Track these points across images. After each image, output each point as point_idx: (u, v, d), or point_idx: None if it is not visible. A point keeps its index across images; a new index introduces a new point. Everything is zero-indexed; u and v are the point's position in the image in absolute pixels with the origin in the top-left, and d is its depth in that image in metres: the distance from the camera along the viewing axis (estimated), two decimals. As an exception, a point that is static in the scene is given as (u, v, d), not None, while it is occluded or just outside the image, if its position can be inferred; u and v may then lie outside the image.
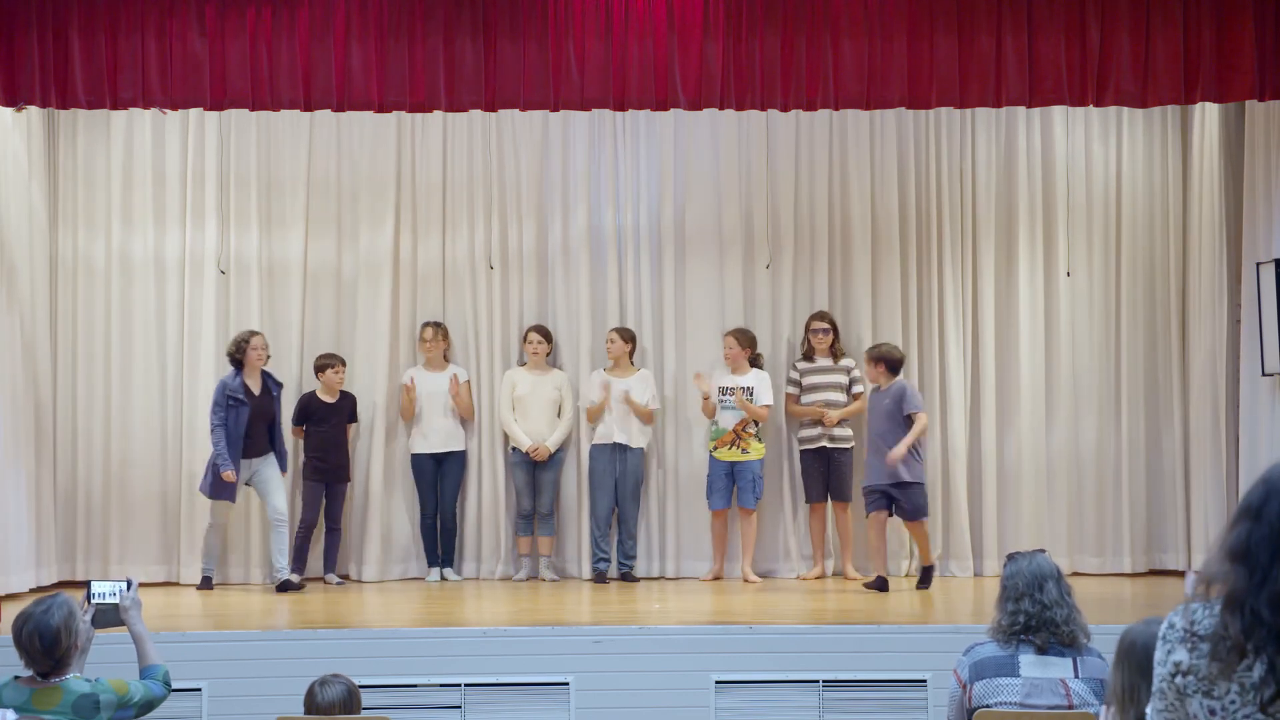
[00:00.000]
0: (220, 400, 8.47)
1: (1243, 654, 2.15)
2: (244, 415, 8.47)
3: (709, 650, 6.64)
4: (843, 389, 9.06)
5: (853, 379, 9.07)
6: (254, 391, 8.57)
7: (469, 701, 6.52)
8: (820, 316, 9.12)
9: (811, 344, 9.10)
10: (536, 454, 9.02)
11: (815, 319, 9.12)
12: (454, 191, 9.39)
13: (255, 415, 8.53)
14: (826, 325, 9.08)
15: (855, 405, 9.03)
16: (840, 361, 9.11)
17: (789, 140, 9.38)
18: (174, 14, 7.56)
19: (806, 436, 9.08)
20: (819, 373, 9.08)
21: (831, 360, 9.10)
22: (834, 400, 9.01)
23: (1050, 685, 4.06)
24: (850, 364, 9.11)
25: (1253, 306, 8.32)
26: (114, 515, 9.14)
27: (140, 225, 9.26)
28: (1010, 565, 4.26)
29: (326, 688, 4.47)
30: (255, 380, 8.61)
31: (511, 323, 9.40)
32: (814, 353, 9.11)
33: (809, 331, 9.11)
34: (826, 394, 9.03)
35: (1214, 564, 2.24)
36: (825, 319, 9.11)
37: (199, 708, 6.43)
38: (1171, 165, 9.47)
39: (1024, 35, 7.71)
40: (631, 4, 7.67)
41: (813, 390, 9.07)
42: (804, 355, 9.17)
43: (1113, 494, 9.35)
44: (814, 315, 9.16)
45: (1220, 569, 2.21)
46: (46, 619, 4.15)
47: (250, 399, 8.53)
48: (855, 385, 9.06)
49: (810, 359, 9.13)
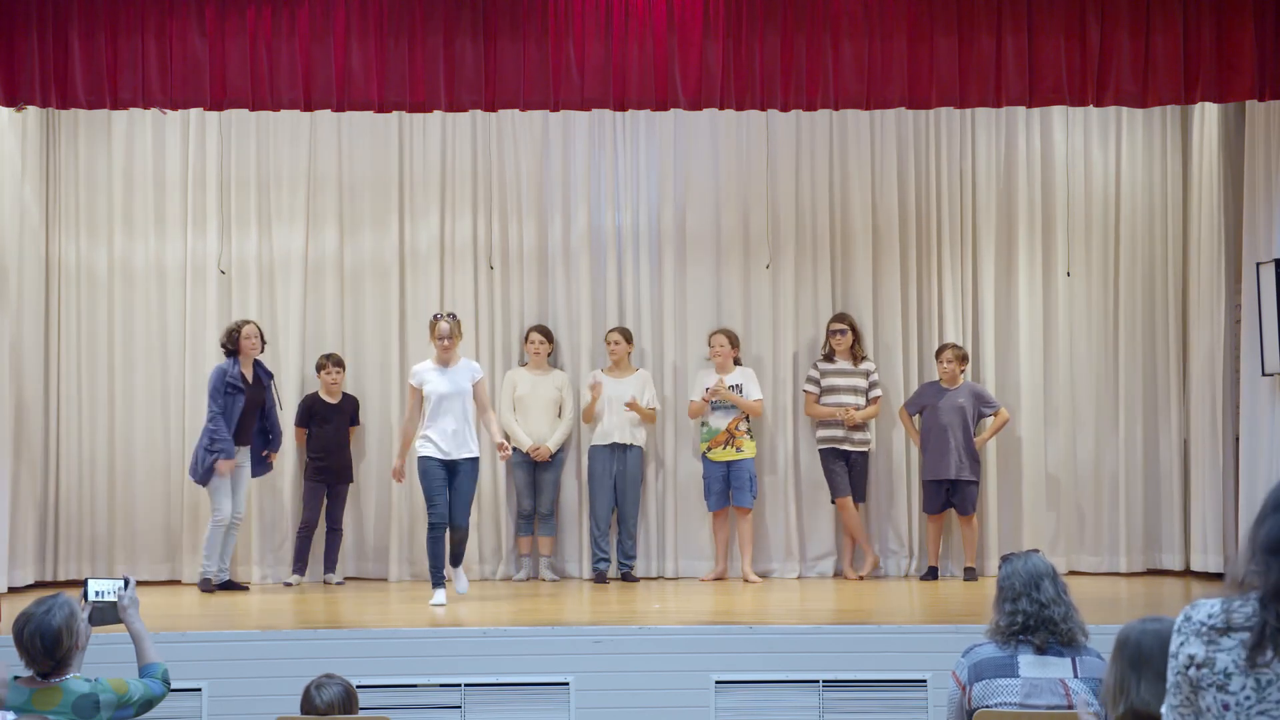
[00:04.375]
0: (219, 387, 8.48)
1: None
2: (240, 403, 8.49)
3: (709, 650, 6.63)
4: (860, 392, 9.08)
5: (871, 382, 9.09)
6: (248, 380, 8.60)
7: (469, 701, 6.53)
8: (840, 318, 9.15)
9: (831, 345, 9.12)
10: (537, 454, 9.02)
11: (835, 320, 9.14)
12: (454, 191, 9.39)
13: (251, 404, 8.56)
14: (845, 327, 9.09)
15: (872, 408, 9.06)
16: (860, 364, 9.12)
17: (789, 140, 9.39)
18: (174, 14, 7.56)
19: (826, 436, 9.10)
20: (838, 375, 9.10)
21: (851, 362, 9.12)
22: (850, 404, 9.04)
23: (1050, 685, 4.06)
24: (870, 367, 9.13)
25: (1253, 306, 8.32)
26: (118, 515, 9.16)
27: (141, 229, 9.28)
28: (1005, 566, 4.26)
29: (323, 690, 4.46)
30: (249, 369, 8.64)
31: (512, 323, 9.41)
32: (835, 354, 9.13)
33: (829, 333, 9.13)
34: (843, 396, 9.05)
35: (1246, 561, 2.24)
36: (845, 320, 9.13)
37: (199, 708, 6.43)
38: (1171, 165, 9.47)
39: (1024, 35, 7.71)
40: (631, 4, 7.67)
41: (831, 392, 9.09)
42: (825, 356, 9.19)
43: (1111, 493, 9.36)
44: (834, 317, 9.18)
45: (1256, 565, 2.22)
46: (48, 619, 4.15)
47: (246, 387, 8.55)
48: (874, 390, 9.09)
49: (831, 360, 9.15)
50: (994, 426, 9.05)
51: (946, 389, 8.98)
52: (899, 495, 9.33)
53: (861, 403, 9.07)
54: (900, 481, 9.33)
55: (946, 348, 9.06)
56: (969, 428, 8.94)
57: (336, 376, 9.06)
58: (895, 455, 9.34)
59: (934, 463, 8.98)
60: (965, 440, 8.91)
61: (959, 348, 9.07)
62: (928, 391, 9.10)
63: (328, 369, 9.04)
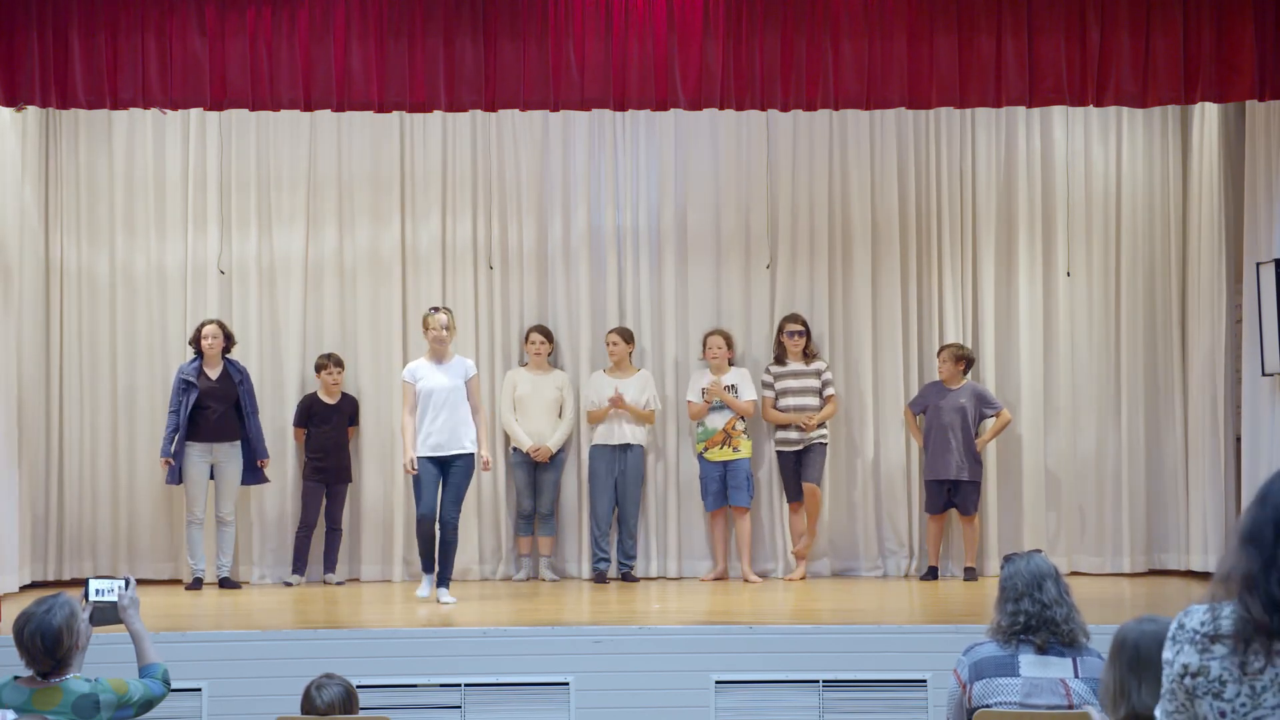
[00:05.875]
0: (175, 385, 8.70)
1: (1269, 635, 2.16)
2: (192, 397, 8.62)
3: (709, 650, 6.63)
4: (815, 392, 9.07)
5: (825, 381, 9.09)
6: (210, 377, 8.69)
7: (469, 701, 6.53)
8: (794, 319, 9.11)
9: (785, 346, 9.09)
10: (538, 454, 9.02)
11: (790, 321, 9.10)
12: (454, 191, 9.39)
13: (209, 396, 8.66)
14: (801, 328, 9.08)
15: (829, 408, 9.06)
16: (812, 364, 9.11)
17: (789, 140, 9.39)
18: (174, 14, 7.55)
19: (784, 439, 9.08)
20: (792, 376, 9.08)
21: (804, 363, 9.11)
22: (807, 404, 9.03)
23: (1050, 685, 4.06)
24: (822, 366, 9.12)
25: (1253, 306, 8.32)
26: (120, 515, 9.17)
27: (141, 229, 9.27)
28: (1008, 566, 4.26)
29: (324, 690, 4.46)
30: (215, 367, 8.74)
31: (511, 323, 9.41)
32: (786, 355, 9.12)
33: (783, 334, 9.09)
34: (800, 398, 9.04)
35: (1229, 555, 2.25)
36: (799, 321, 9.10)
37: (199, 708, 6.43)
38: (1171, 165, 9.46)
39: (1024, 35, 7.70)
40: (631, 4, 7.67)
41: (787, 394, 9.07)
42: (775, 359, 9.18)
43: (1113, 494, 9.35)
44: (787, 318, 9.13)
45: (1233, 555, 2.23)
46: (49, 619, 4.15)
47: (204, 382, 8.67)
48: (828, 388, 9.08)
49: (782, 362, 9.14)
50: (994, 428, 9.05)
51: (949, 389, 8.98)
52: (899, 495, 9.32)
53: (817, 403, 9.05)
54: (900, 481, 9.33)
55: (946, 348, 9.06)
56: (970, 428, 8.95)
57: (337, 376, 9.07)
58: (896, 455, 9.34)
59: (935, 463, 8.98)
60: (966, 440, 8.92)
61: (960, 347, 9.07)
62: (930, 391, 9.10)
63: (328, 369, 9.05)
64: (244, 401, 8.79)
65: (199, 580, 8.69)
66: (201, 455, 8.70)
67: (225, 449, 8.74)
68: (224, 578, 8.78)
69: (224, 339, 8.81)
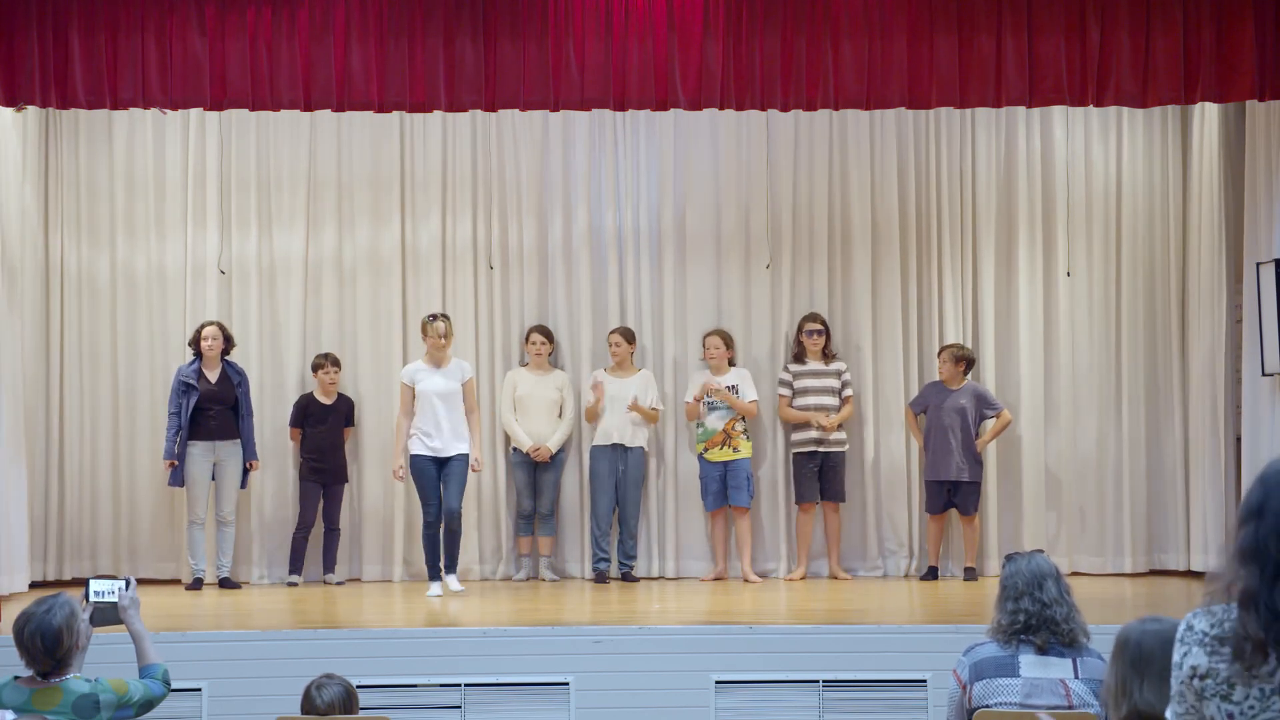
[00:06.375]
0: (175, 387, 8.73)
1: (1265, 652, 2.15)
2: (192, 399, 8.65)
3: (709, 650, 6.63)
4: (834, 392, 9.07)
5: (844, 382, 9.09)
6: (210, 379, 8.72)
7: (469, 701, 6.53)
8: (813, 318, 9.12)
9: (804, 346, 9.10)
10: (538, 454, 9.02)
11: (809, 320, 9.11)
12: (454, 192, 9.39)
13: (209, 398, 8.69)
14: (820, 327, 9.08)
15: (846, 409, 9.06)
16: (832, 364, 9.11)
17: (789, 140, 9.39)
18: (174, 14, 7.55)
19: (799, 439, 9.08)
20: (811, 376, 9.08)
21: (823, 363, 9.11)
22: (826, 404, 9.03)
23: (1050, 685, 4.06)
24: (842, 366, 9.12)
25: (1253, 306, 8.32)
26: (120, 515, 9.17)
27: (141, 229, 9.28)
28: (1009, 565, 4.26)
29: (324, 690, 4.46)
30: (214, 369, 8.75)
31: (512, 323, 9.41)
32: (805, 355, 9.12)
33: (802, 333, 9.10)
34: (819, 397, 9.04)
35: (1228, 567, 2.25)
36: (819, 320, 9.11)
37: (199, 708, 6.43)
38: (1171, 165, 9.47)
39: (1024, 35, 7.70)
40: (631, 4, 7.67)
41: (805, 393, 9.07)
42: (794, 357, 9.18)
43: (1113, 494, 9.36)
44: (807, 317, 9.15)
45: (1233, 571, 2.22)
46: (49, 619, 4.15)
47: (204, 384, 8.69)
48: (846, 389, 9.08)
49: (801, 361, 9.14)
50: (994, 429, 9.05)
51: (949, 389, 8.98)
52: (899, 495, 9.32)
53: (836, 403, 9.06)
54: (900, 481, 9.33)
55: (946, 348, 9.06)
56: (970, 428, 8.94)
57: (334, 376, 9.07)
58: (896, 455, 9.34)
59: (935, 463, 8.98)
60: (966, 441, 8.91)
61: (960, 348, 9.06)
62: (931, 391, 9.10)
63: (325, 369, 9.05)
64: (241, 403, 8.80)
65: (199, 580, 8.71)
66: (204, 454, 8.70)
67: (228, 447, 8.75)
68: (224, 578, 8.80)
69: (223, 341, 8.82)
